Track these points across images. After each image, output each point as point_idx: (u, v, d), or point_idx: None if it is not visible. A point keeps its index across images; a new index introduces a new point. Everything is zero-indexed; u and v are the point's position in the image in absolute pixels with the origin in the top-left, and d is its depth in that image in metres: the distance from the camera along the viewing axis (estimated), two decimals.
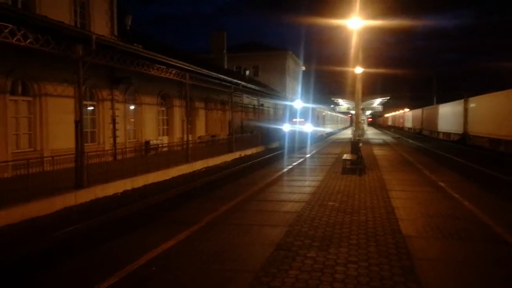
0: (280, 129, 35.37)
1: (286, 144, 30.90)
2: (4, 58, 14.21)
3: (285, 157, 22.45)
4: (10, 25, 11.10)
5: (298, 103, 35.07)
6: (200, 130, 30.84)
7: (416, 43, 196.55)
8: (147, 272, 4.93)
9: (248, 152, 29.40)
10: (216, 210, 8.11)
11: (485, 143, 31.30)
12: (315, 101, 46.17)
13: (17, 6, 15.35)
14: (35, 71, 15.96)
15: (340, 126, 74.31)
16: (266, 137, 35.52)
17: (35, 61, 15.32)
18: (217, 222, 7.25)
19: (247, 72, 51.83)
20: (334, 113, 59.50)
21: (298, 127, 32.82)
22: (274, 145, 35.16)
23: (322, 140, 36.48)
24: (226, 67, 44.72)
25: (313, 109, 36.09)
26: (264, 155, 28.35)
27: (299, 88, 65.79)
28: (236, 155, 26.88)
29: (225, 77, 27.78)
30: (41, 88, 16.43)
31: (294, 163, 17.15)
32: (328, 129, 49.01)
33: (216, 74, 25.63)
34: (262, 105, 43.14)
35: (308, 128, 32.89)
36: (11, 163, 13.44)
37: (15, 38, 11.40)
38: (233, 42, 55.48)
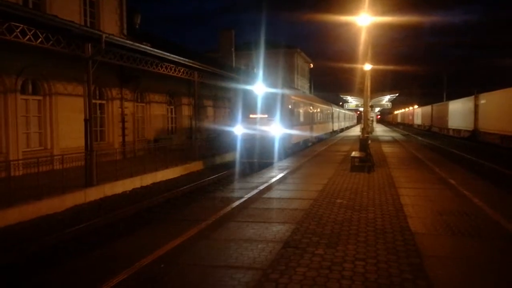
0: (230, 133, 21.03)
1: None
2: (15, 57, 14.39)
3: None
4: (21, 25, 11.23)
5: (259, 88, 20.00)
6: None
7: (425, 39, 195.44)
8: (156, 269, 4.96)
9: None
10: (224, 208, 8.12)
11: (496, 140, 31.00)
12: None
13: (28, 6, 15.50)
14: (45, 70, 16.13)
15: (345, 123, 59.89)
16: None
17: (45, 60, 15.48)
18: (225, 220, 7.27)
19: (254, 70, 51.78)
20: (327, 107, 38.85)
21: (259, 129, 19.27)
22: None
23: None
24: (234, 65, 44.72)
25: (286, 97, 20.70)
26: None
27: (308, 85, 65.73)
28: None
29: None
30: (51, 87, 16.61)
31: None
32: (317, 132, 31.02)
33: (224, 72, 25.64)
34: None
35: (276, 130, 19.25)
36: (21, 161, 13.60)
37: (26, 38, 11.53)
38: (241, 40, 55.27)
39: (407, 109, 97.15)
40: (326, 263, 5.08)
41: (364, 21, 19.21)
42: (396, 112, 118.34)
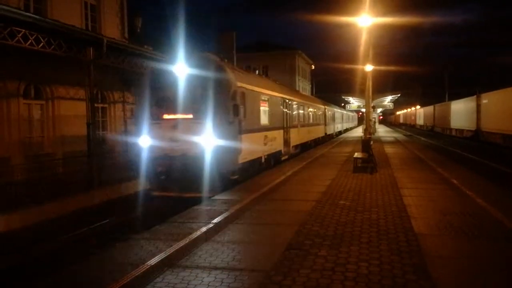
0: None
1: None
2: (16, 62, 14.40)
3: None
4: (23, 30, 11.28)
5: (181, 68, 11.22)
6: None
7: (425, 39, 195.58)
8: (160, 272, 4.97)
9: None
10: (227, 210, 8.13)
11: (498, 139, 30.91)
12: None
13: (29, 10, 15.55)
14: (47, 75, 16.14)
15: (344, 125, 52.79)
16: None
17: (47, 64, 15.49)
18: (228, 222, 7.28)
19: (256, 72, 51.82)
20: (317, 104, 29.77)
21: (179, 140, 10.89)
22: None
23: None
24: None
25: (227, 82, 11.20)
26: None
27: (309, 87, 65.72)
28: None
29: None
30: (53, 91, 16.63)
31: None
32: (297, 140, 20.96)
33: None
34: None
35: (208, 140, 10.63)
36: (25, 166, 13.63)
37: (28, 43, 11.58)
38: (241, 42, 55.26)
39: (409, 110, 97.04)
40: (329, 265, 5.08)
41: (365, 22, 19.25)
42: (398, 112, 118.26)
